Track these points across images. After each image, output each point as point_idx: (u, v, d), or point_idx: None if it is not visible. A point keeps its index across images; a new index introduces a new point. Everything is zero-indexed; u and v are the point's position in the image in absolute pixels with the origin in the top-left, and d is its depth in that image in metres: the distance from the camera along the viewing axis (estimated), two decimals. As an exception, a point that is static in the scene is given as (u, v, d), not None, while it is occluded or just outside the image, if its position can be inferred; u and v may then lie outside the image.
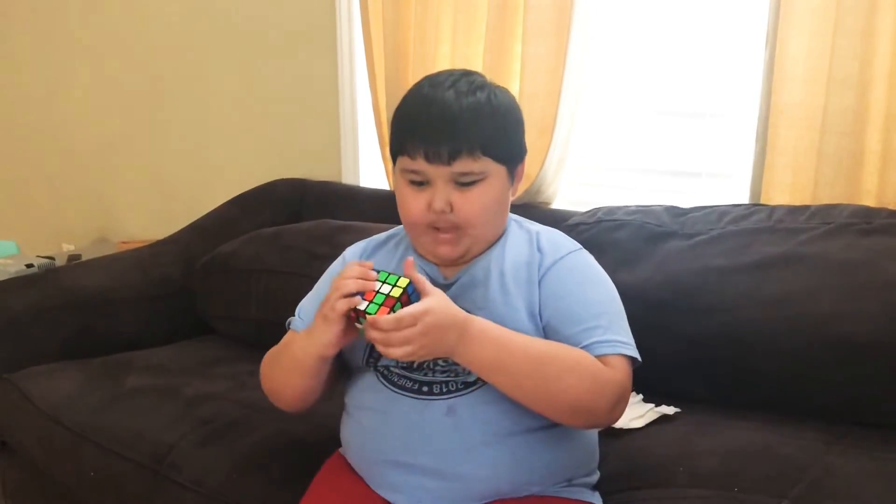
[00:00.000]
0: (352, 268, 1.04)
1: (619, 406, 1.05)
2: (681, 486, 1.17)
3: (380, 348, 0.98)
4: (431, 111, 1.05)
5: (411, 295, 1.00)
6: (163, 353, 1.86)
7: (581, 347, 1.04)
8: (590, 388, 1.01)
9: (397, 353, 0.97)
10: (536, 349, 1.02)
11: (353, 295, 1.01)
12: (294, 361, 1.11)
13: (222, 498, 1.31)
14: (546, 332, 1.08)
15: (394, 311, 0.97)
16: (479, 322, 1.01)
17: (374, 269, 1.03)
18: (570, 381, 1.01)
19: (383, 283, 1.01)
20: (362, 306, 0.99)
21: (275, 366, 1.18)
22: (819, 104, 1.57)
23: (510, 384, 1.02)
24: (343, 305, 1.01)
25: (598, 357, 1.03)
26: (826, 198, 1.57)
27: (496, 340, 1.01)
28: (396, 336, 0.96)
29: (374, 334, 0.97)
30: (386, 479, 1.09)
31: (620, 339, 1.06)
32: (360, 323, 1.01)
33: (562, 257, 1.11)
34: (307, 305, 1.22)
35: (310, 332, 1.08)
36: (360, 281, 1.01)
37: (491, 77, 1.13)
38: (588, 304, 1.08)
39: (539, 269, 1.10)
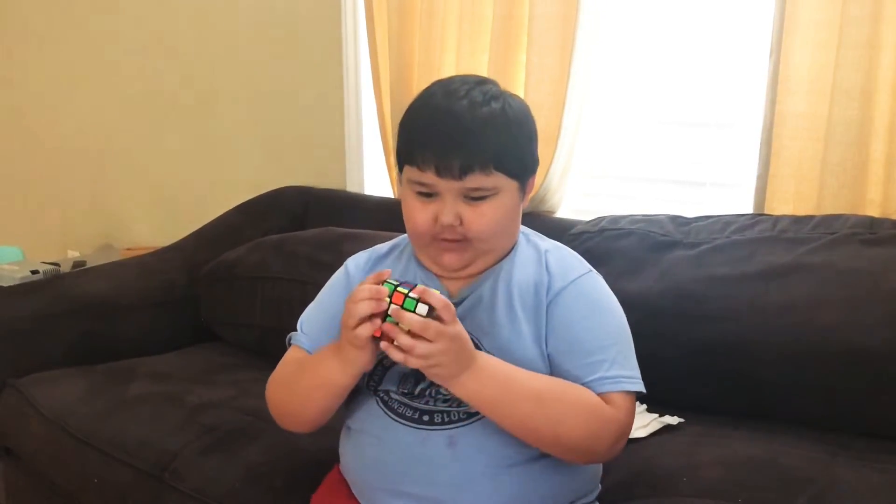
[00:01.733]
0: (362, 289, 0.97)
1: (619, 443, 1.04)
2: (684, 497, 1.16)
3: (395, 355, 0.94)
4: (444, 123, 1.01)
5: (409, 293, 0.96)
6: (167, 360, 1.86)
7: (584, 382, 1.02)
8: (591, 430, 1.01)
9: (416, 362, 0.94)
10: (539, 390, 1.00)
11: (369, 317, 0.97)
12: (327, 385, 1.05)
13: (225, 506, 1.31)
14: (550, 360, 1.06)
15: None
16: (485, 358, 0.99)
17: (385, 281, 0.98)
18: (571, 423, 1.00)
19: (394, 291, 0.97)
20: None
21: (297, 387, 1.11)
22: (823, 114, 1.57)
23: (511, 423, 1.00)
24: (366, 332, 0.96)
25: (602, 394, 1.02)
26: (830, 208, 1.57)
27: (498, 379, 0.99)
28: (421, 347, 0.93)
29: (403, 339, 0.94)
30: None
31: (624, 374, 1.04)
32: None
33: (571, 282, 1.08)
34: (309, 318, 1.18)
35: (342, 358, 1.02)
36: (374, 302, 0.96)
37: None
38: (596, 335, 1.05)
39: (547, 293, 1.07)
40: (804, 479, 1.17)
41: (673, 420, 1.41)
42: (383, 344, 0.96)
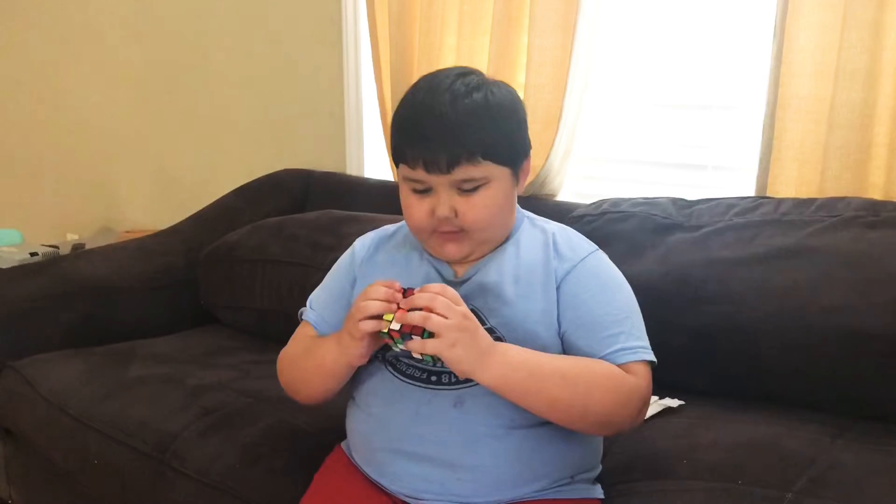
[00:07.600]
0: (377, 289, 1.01)
1: (643, 412, 1.06)
2: (684, 479, 1.16)
3: (414, 345, 0.96)
4: (426, 120, 1.03)
5: None
6: (166, 342, 1.86)
7: (604, 355, 1.04)
8: (617, 401, 1.02)
9: (433, 346, 0.95)
10: (563, 368, 1.01)
11: (376, 316, 0.99)
12: (322, 368, 1.11)
13: (225, 488, 1.31)
14: (565, 338, 1.07)
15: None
16: (506, 346, 1.01)
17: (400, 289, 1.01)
18: (598, 396, 1.01)
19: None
20: (395, 326, 0.97)
21: (299, 368, 1.17)
22: (826, 97, 1.56)
23: (540, 405, 1.01)
24: (368, 327, 0.99)
25: (622, 365, 1.04)
26: (833, 191, 1.56)
27: (523, 363, 1.00)
28: (435, 319, 0.95)
29: (415, 316, 0.96)
30: (388, 467, 1.09)
31: (641, 345, 1.06)
32: (397, 344, 1.00)
33: (581, 260, 1.10)
34: (319, 296, 1.22)
35: (339, 344, 1.07)
36: (384, 304, 0.99)
37: (496, 69, 1.12)
38: (609, 310, 1.07)
39: (557, 273, 1.09)
40: (804, 461, 1.17)
41: (674, 403, 1.41)
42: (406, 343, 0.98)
